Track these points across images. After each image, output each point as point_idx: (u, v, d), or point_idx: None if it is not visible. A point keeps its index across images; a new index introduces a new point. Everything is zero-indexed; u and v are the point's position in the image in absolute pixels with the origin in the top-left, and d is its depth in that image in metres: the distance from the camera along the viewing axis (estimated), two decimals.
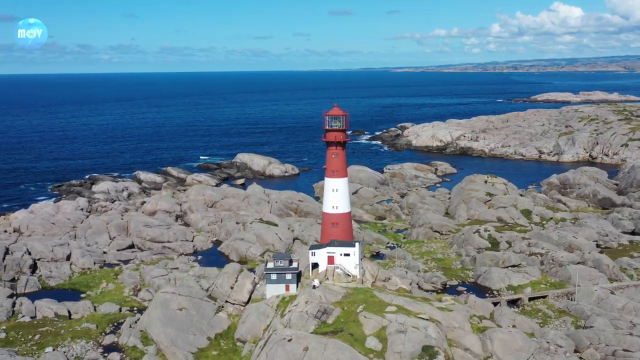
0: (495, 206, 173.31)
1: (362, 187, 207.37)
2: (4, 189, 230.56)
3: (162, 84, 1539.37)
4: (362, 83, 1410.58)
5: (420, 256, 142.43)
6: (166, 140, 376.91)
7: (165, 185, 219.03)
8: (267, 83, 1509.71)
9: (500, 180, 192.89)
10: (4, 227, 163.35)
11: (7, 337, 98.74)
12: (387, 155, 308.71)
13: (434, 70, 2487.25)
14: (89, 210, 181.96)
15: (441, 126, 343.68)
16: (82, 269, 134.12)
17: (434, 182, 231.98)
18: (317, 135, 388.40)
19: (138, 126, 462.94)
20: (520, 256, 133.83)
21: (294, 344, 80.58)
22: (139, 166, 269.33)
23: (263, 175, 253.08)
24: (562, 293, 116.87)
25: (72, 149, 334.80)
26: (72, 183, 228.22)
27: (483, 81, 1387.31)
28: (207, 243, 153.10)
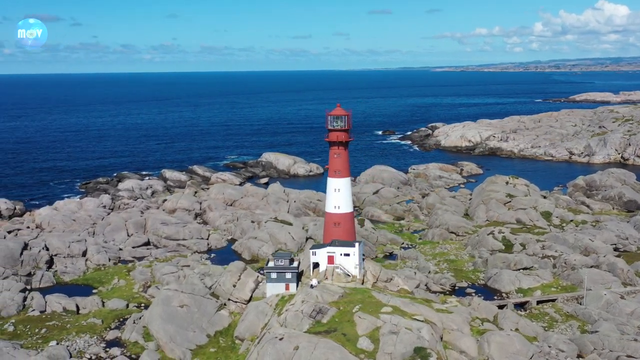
0: (515, 208, 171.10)
1: (383, 187, 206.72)
2: (35, 186, 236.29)
3: (201, 83, 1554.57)
4: (400, 82, 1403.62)
5: (433, 257, 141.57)
6: (198, 139, 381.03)
7: (189, 184, 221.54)
8: (305, 82, 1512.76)
9: (521, 182, 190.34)
10: (28, 223, 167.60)
11: (15, 330, 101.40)
12: (415, 155, 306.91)
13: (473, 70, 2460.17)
14: (112, 207, 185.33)
15: (471, 126, 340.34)
16: (96, 265, 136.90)
17: (458, 182, 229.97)
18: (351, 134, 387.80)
19: (172, 125, 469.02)
20: (532, 259, 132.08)
21: (284, 342, 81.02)
22: (168, 164, 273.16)
23: (288, 174, 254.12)
24: (571, 297, 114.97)
25: (104, 147, 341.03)
26: (99, 180, 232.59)
27: (522, 81, 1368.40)
28: (222, 241, 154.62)
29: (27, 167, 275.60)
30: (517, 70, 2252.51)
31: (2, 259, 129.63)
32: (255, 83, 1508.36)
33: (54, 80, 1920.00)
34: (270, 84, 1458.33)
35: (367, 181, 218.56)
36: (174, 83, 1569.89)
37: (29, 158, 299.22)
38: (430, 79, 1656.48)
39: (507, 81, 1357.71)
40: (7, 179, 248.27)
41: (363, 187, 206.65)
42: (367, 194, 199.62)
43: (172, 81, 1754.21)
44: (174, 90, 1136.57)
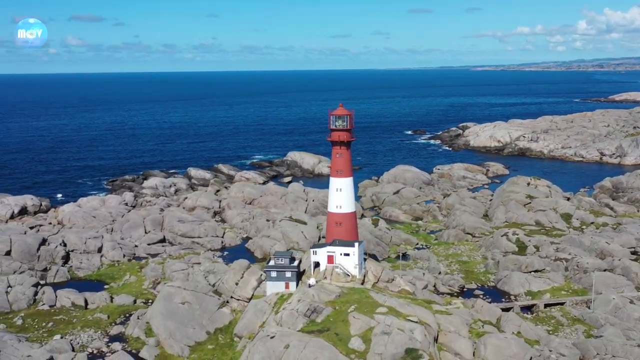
0: (534, 209, 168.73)
1: (404, 187, 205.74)
2: (65, 183, 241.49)
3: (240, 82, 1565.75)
4: (439, 82, 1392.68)
5: (445, 258, 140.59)
6: (228, 138, 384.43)
7: (212, 182, 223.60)
8: (343, 82, 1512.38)
9: (543, 183, 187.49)
10: (51, 219, 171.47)
11: (24, 323, 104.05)
12: (443, 155, 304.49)
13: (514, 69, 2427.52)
14: (134, 204, 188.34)
15: (502, 126, 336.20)
16: (111, 261, 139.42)
17: (482, 183, 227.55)
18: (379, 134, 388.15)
19: (204, 124, 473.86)
20: (544, 261, 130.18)
21: (275, 341, 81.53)
22: (196, 163, 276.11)
23: (312, 173, 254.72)
24: (580, 300, 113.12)
25: (136, 146, 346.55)
26: (125, 178, 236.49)
27: (563, 80, 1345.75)
28: (236, 239, 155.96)
29: (59, 164, 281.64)
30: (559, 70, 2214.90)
31: (19, 254, 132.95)
32: (294, 82, 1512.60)
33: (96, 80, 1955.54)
34: (309, 83, 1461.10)
35: (389, 181, 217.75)
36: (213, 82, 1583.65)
37: (62, 156, 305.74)
38: (469, 78, 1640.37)
39: (547, 81, 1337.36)
40: (39, 176, 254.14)
41: (384, 187, 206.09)
42: (388, 194, 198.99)
43: (211, 80, 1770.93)
44: (212, 89, 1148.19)
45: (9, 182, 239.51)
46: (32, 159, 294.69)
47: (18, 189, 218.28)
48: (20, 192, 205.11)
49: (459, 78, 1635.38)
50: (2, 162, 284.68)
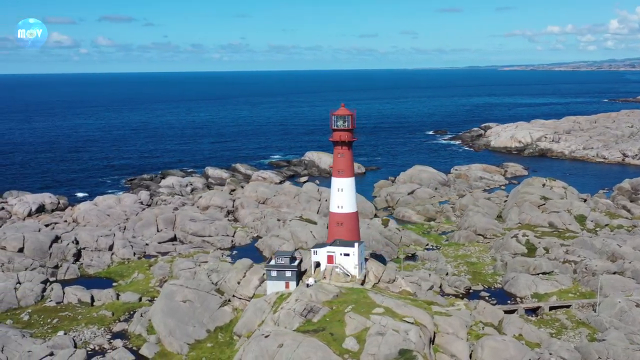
0: (548, 210, 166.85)
1: (419, 187, 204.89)
2: (85, 181, 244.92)
3: (267, 82, 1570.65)
4: (466, 82, 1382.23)
5: (454, 259, 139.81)
6: (250, 137, 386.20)
7: (229, 181, 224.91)
8: (370, 81, 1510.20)
9: (559, 184, 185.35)
10: (67, 217, 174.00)
11: (30, 319, 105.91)
12: (463, 155, 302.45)
13: (544, 69, 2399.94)
14: (149, 203, 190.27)
15: (523, 126, 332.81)
16: (121, 259, 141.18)
17: (499, 184, 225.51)
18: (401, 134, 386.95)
19: (227, 123, 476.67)
20: (553, 263, 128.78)
21: (269, 340, 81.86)
22: (215, 162, 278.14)
23: (329, 173, 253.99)
24: (587, 303, 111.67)
25: (157, 145, 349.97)
26: (144, 177, 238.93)
27: (593, 80, 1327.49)
28: (246, 239, 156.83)
29: (81, 163, 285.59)
30: (590, 70, 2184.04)
31: (32, 251, 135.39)
32: (320, 82, 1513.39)
33: (125, 79, 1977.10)
34: (335, 83, 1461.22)
35: (404, 181, 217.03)
36: (240, 82, 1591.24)
37: (84, 155, 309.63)
38: (497, 78, 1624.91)
39: (576, 80, 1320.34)
40: (61, 174, 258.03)
41: (399, 187, 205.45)
42: (402, 194, 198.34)
43: (238, 80, 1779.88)
44: (238, 89, 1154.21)
45: (31, 180, 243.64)
46: (54, 158, 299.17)
47: (39, 187, 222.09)
48: (41, 191, 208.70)
49: (486, 78, 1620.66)
50: (26, 161, 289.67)
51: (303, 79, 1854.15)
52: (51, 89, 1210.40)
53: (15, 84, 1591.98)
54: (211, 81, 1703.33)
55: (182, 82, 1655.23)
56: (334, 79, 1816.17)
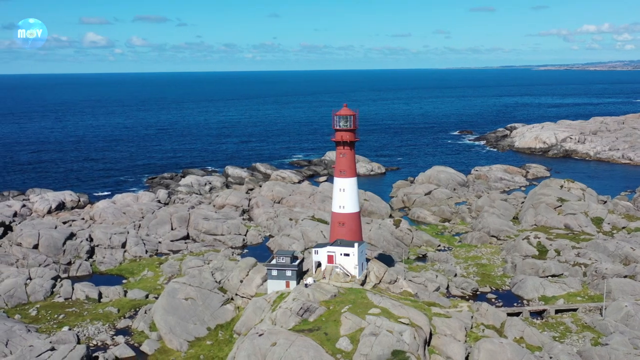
0: (564, 212, 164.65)
1: (436, 188, 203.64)
2: (107, 179, 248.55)
3: (298, 82, 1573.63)
4: (498, 82, 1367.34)
5: (465, 261, 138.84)
6: (274, 136, 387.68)
7: (247, 181, 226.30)
8: (402, 81, 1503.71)
9: (577, 185, 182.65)
10: (85, 214, 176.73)
11: (37, 315, 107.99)
12: (485, 156, 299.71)
13: (578, 69, 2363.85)
14: (167, 202, 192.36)
15: (549, 127, 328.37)
16: (133, 257, 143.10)
17: (519, 185, 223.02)
18: (425, 135, 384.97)
19: (253, 123, 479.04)
20: (563, 266, 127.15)
21: (263, 338, 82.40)
22: (237, 161, 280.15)
23: None
24: (594, 307, 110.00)
25: (182, 144, 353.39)
26: (164, 176, 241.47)
27: (629, 80, 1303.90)
28: (258, 237, 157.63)
29: (106, 162, 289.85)
30: (626, 69, 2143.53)
31: (46, 248, 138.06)
32: (351, 82, 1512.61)
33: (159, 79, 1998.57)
34: (366, 82, 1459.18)
35: (422, 182, 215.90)
36: (272, 82, 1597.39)
37: (109, 154, 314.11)
38: (530, 78, 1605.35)
39: (611, 80, 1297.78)
40: (85, 172, 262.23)
41: (416, 187, 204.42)
42: (419, 194, 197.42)
43: (270, 80, 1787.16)
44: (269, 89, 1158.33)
45: (55, 178, 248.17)
46: (80, 157, 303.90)
47: (63, 185, 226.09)
48: (64, 188, 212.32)
49: (519, 78, 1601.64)
50: (53, 160, 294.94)
51: (334, 78, 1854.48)
52: (86, 89, 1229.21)
53: (52, 83, 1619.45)
54: (243, 81, 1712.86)
55: (215, 81, 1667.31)
56: (365, 78, 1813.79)
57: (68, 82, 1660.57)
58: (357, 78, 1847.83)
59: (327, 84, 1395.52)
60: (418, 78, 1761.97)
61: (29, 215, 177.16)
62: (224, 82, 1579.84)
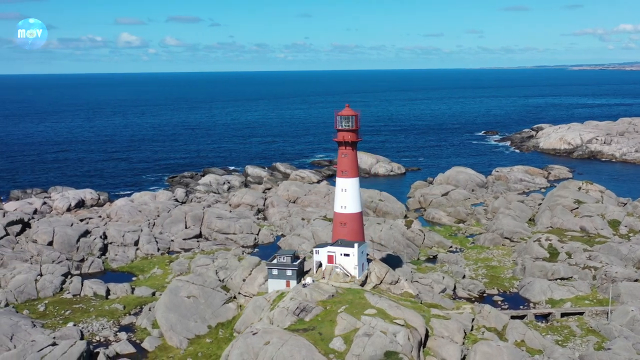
0: (581, 215, 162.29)
1: (454, 189, 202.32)
2: (129, 177, 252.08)
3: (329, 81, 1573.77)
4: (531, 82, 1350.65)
5: (475, 262, 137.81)
6: (299, 136, 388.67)
7: (266, 180, 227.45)
8: (434, 81, 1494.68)
9: (595, 187, 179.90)
10: (102, 212, 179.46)
11: (45, 310, 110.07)
12: (508, 157, 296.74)
13: (614, 69, 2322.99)
14: (184, 200, 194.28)
15: (575, 128, 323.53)
16: (145, 255, 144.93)
17: (539, 186, 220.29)
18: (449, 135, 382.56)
19: (279, 123, 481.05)
20: (573, 269, 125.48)
21: (256, 337, 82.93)
22: (259, 161, 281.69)
23: (368, 173, 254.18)
24: (601, 311, 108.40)
25: (207, 143, 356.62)
26: (185, 175, 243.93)
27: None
28: (270, 237, 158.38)
29: (131, 160, 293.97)
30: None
31: (60, 245, 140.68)
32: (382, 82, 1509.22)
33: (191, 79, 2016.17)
34: (397, 82, 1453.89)
35: (441, 182, 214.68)
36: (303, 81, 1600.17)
37: (135, 152, 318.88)
38: (564, 78, 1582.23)
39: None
40: (109, 171, 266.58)
41: (433, 188, 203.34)
42: (436, 195, 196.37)
43: (301, 79, 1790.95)
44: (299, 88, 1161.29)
45: (79, 176, 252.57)
46: (105, 156, 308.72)
47: (86, 184, 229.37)
48: (88, 187, 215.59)
49: (552, 78, 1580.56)
50: (79, 158, 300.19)
51: (365, 78, 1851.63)
52: (119, 89, 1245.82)
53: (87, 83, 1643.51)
54: (274, 80, 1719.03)
55: (246, 81, 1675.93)
56: (396, 78, 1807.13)
57: (102, 82, 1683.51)
58: (388, 78, 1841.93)
59: (358, 84, 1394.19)
60: (450, 78, 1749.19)
61: (49, 213, 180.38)
62: (256, 82, 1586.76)
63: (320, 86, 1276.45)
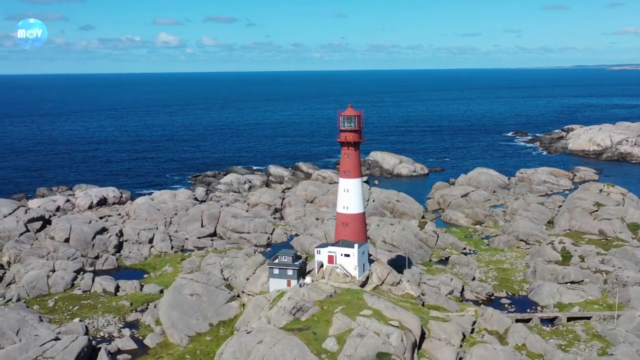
0: (600, 217, 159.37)
1: (474, 190, 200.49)
2: (155, 176, 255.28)
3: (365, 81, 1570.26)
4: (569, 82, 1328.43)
5: (486, 265, 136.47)
6: (326, 136, 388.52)
7: (287, 180, 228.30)
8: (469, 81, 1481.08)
9: (617, 190, 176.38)
10: (121, 210, 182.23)
11: (54, 306, 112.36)
12: (535, 158, 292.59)
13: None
14: (204, 199, 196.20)
15: (606, 129, 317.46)
16: (159, 252, 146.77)
17: (563, 188, 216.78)
18: (478, 135, 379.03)
19: (309, 122, 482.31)
20: (584, 272, 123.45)
21: (250, 336, 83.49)
22: (284, 161, 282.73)
23: (391, 173, 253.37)
24: (608, 316, 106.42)
25: (234, 142, 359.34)
26: (207, 174, 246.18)
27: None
28: (283, 236, 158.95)
29: (159, 160, 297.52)
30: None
31: (76, 242, 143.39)
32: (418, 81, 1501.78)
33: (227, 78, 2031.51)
34: (433, 82, 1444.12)
35: (462, 183, 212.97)
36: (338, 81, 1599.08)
37: (163, 152, 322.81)
38: (603, 78, 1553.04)
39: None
40: (135, 169, 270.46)
41: (453, 189, 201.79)
42: (455, 196, 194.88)
43: (337, 79, 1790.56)
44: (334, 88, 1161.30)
45: (105, 174, 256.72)
46: (133, 155, 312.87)
47: (111, 182, 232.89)
48: (112, 185, 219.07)
49: (591, 78, 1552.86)
50: (106, 157, 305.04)
51: (401, 78, 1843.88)
52: (156, 88, 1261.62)
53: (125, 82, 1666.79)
54: (310, 80, 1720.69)
55: (282, 81, 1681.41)
56: (432, 78, 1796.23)
57: (140, 82, 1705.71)
58: (424, 78, 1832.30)
59: (393, 83, 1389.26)
60: (486, 78, 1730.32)
61: (70, 211, 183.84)
62: (291, 82, 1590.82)
63: (355, 86, 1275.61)
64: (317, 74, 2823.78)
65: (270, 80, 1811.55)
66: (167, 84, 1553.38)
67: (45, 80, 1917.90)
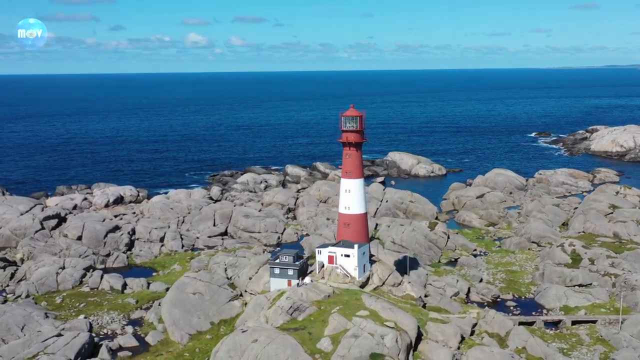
0: (615, 220, 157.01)
1: (490, 191, 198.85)
2: (174, 175, 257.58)
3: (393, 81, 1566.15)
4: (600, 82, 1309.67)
5: (495, 267, 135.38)
6: None
7: (303, 180, 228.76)
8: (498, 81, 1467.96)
9: (634, 192, 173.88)
10: (136, 209, 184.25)
11: (61, 302, 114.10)
12: (556, 159, 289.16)
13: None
14: (219, 198, 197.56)
15: (631, 130, 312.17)
16: (169, 251, 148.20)
17: (582, 190, 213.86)
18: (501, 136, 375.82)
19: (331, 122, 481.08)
20: (592, 276, 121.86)
21: (245, 335, 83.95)
22: (302, 160, 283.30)
23: (408, 174, 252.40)
24: (613, 320, 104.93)
25: (255, 142, 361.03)
26: (225, 173, 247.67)
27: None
28: (294, 236, 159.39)
29: (179, 159, 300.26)
30: None
31: (88, 239, 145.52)
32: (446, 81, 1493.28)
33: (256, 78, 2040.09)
34: (461, 82, 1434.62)
35: (478, 184, 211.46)
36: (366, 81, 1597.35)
37: (183, 151, 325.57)
38: (635, 78, 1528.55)
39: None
40: (155, 169, 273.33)
41: (469, 190, 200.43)
42: (470, 197, 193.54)
43: (365, 79, 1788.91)
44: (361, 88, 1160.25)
45: (125, 173, 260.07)
46: (155, 155, 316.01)
47: (130, 181, 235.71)
48: (130, 184, 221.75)
49: (622, 78, 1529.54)
50: (128, 156, 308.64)
51: (428, 78, 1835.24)
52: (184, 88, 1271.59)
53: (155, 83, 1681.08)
54: (337, 80, 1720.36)
55: (310, 81, 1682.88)
56: (460, 78, 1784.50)
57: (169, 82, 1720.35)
58: (452, 77, 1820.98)
59: (420, 83, 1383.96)
60: (514, 78, 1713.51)
61: (87, 209, 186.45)
62: (318, 82, 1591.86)
63: (382, 86, 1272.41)
64: (344, 73, 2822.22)
65: (297, 80, 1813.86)
66: (196, 84, 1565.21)
67: (76, 80, 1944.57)
